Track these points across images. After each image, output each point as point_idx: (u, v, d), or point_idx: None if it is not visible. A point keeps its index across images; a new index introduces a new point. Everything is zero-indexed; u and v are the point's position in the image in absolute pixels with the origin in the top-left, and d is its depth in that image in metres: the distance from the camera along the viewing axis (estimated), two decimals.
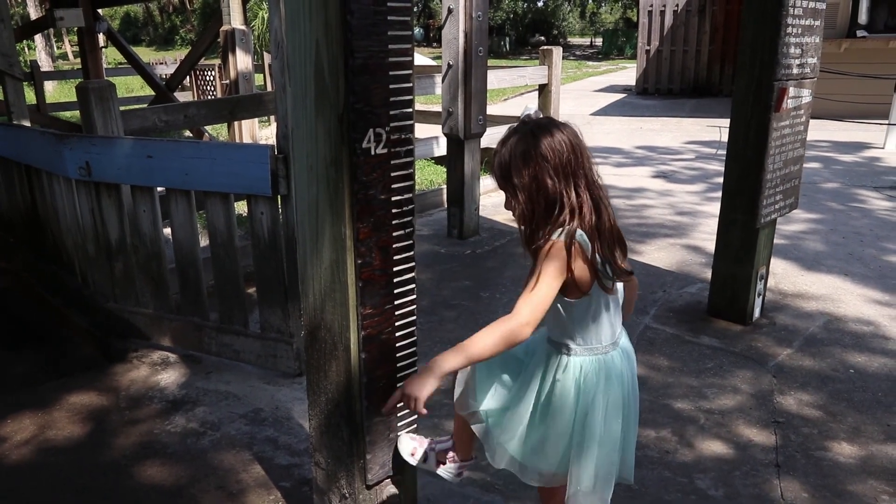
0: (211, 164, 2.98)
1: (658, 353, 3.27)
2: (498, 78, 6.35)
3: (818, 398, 2.86)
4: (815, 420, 2.70)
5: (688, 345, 3.34)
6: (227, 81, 6.76)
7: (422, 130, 7.63)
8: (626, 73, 16.75)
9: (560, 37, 37.12)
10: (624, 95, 13.49)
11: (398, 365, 1.83)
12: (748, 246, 3.46)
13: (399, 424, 1.90)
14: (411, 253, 1.77)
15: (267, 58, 10.70)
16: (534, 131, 1.61)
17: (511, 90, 13.80)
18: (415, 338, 1.85)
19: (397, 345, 1.81)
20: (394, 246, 1.72)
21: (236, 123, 6.77)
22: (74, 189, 3.57)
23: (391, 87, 1.61)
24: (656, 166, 7.09)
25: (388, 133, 1.63)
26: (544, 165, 1.58)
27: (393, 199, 1.69)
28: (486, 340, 1.57)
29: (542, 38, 35.71)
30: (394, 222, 1.71)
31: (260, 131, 10.50)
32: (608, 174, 6.76)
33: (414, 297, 1.81)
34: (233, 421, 2.83)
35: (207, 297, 3.37)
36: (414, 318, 1.83)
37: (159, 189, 3.31)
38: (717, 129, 8.51)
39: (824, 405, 2.80)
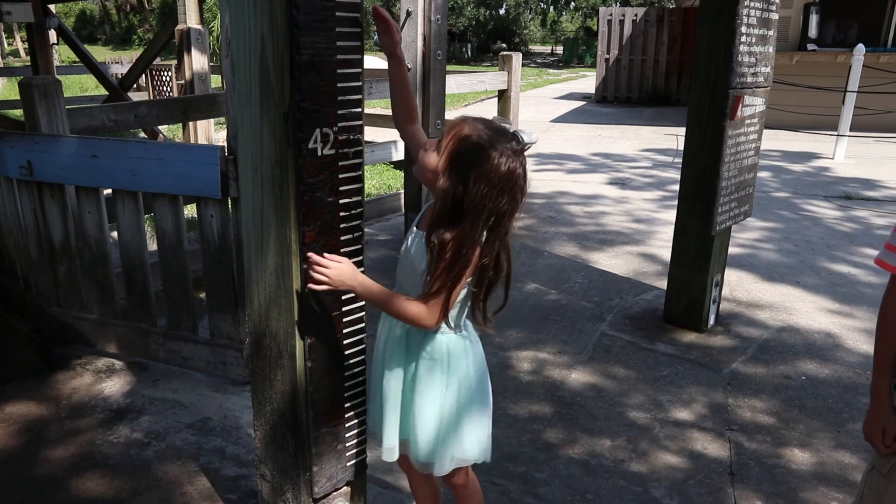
0: (159, 165, 2.87)
1: (614, 360, 3.26)
2: (457, 83, 6.32)
3: (771, 405, 2.87)
4: (769, 427, 2.72)
5: (644, 352, 3.34)
6: (183, 82, 6.61)
7: (381, 134, 7.58)
8: (586, 81, 16.92)
9: (522, 44, 37.42)
10: (583, 103, 13.61)
11: (346, 374, 1.77)
12: (704, 253, 3.48)
13: (347, 436, 1.84)
14: (360, 258, 1.72)
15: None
16: (524, 167, 1.56)
17: (471, 95, 13.82)
18: (364, 346, 1.79)
19: (346, 353, 1.75)
20: (342, 250, 1.66)
21: (191, 125, 6.62)
22: (16, 189, 3.42)
23: (339, 85, 1.56)
24: (612, 173, 7.14)
25: (335, 133, 1.58)
26: (500, 200, 1.52)
27: (341, 201, 1.63)
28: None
29: (504, 45, 35.95)
30: (342, 226, 1.65)
31: (216, 133, 10.30)
32: (564, 180, 6.79)
33: (363, 303, 1.75)
34: (179, 430, 2.73)
35: (155, 303, 3.25)
36: (363, 325, 1.78)
37: (106, 190, 3.19)
38: (674, 138, 8.62)
39: (777, 412, 2.82)
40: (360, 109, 1.61)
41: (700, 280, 3.50)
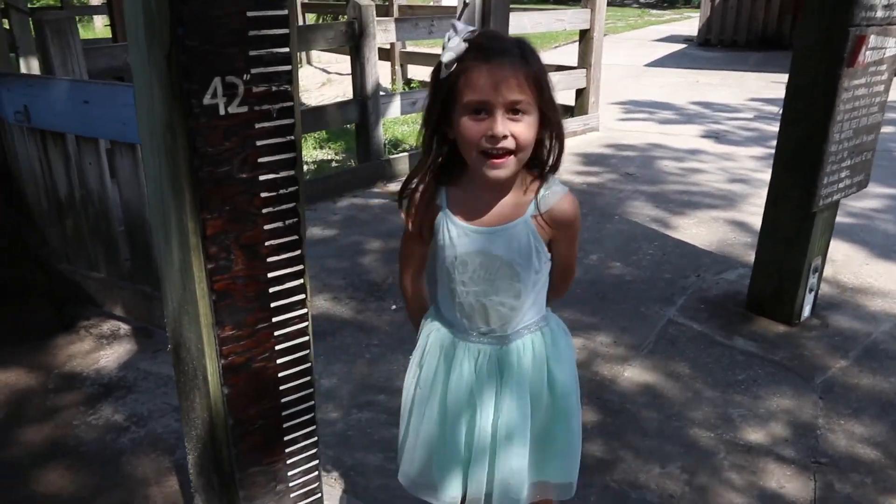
0: None
1: (679, 356, 2.72)
2: (532, 21, 5.70)
3: (875, 432, 2.28)
4: (870, 464, 2.14)
5: (717, 347, 2.77)
6: None
7: None
8: (691, 24, 15.52)
9: None
10: (684, 46, 12.45)
11: (283, 401, 1.36)
12: (802, 231, 2.83)
13: (292, 474, 1.44)
14: (298, 252, 1.27)
15: None
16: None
17: (563, 36, 12.89)
18: (309, 363, 1.37)
19: (280, 375, 1.33)
20: (267, 244, 1.22)
21: None
22: (25, 135, 3.16)
23: (250, 14, 1.09)
24: (708, 125, 6.34)
25: (246, 83, 1.12)
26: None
27: (261, 178, 1.18)
28: None
29: None
30: (264, 211, 1.20)
31: None
32: (652, 131, 6.08)
33: (305, 310, 1.32)
34: (163, 415, 2.43)
35: None
36: (307, 338, 1.34)
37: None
38: (782, 86, 7.62)
39: (883, 443, 2.23)
40: (286, 49, 1.14)
41: (795, 264, 2.87)
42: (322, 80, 9.34)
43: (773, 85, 8.04)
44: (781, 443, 2.23)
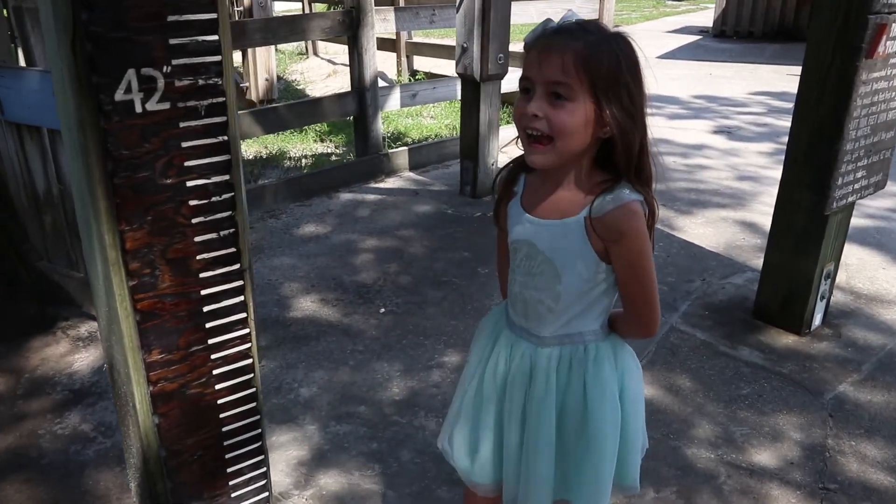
0: None
1: (680, 367, 2.56)
2: (538, 11, 5.51)
3: (889, 456, 2.12)
4: (882, 492, 1.98)
5: (721, 358, 2.61)
6: (241, 9, 6.13)
7: (445, 67, 6.87)
8: (706, 14, 15.25)
9: None
10: (698, 38, 12.18)
11: (225, 429, 1.22)
12: (814, 235, 2.66)
13: None
14: (237, 266, 1.13)
15: None
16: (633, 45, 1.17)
17: None
18: (254, 388, 1.23)
19: (220, 401, 1.20)
20: (199, 258, 1.09)
21: (249, 53, 6.15)
22: (4, 128, 3.05)
23: None
24: (719, 120, 6.13)
25: (167, 76, 0.98)
26: (643, 96, 1.17)
27: (189, 184, 1.04)
28: None
29: None
30: (195, 221, 1.07)
31: (296, 64, 9.88)
32: (661, 126, 5.88)
33: (247, 330, 1.18)
34: None
35: None
36: (250, 360, 1.21)
37: None
38: (797, 79, 7.40)
39: None
40: (215, 37, 1.00)
41: (805, 270, 2.70)
42: (328, 70, 9.20)
43: (789, 78, 7.80)
44: (787, 465, 2.08)
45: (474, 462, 1.38)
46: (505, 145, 4.04)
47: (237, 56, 7.29)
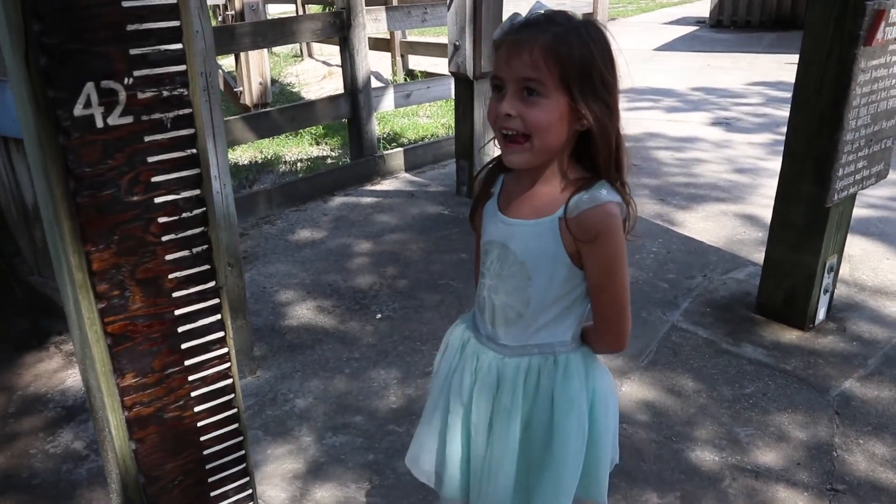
0: None
1: (682, 367, 2.51)
2: (532, 6, 5.45)
3: None
4: (892, 491, 1.93)
5: (724, 356, 2.57)
6: (233, 12, 6.08)
7: (439, 65, 6.79)
8: (703, 5, 15.16)
9: None
10: (695, 28, 12.10)
11: (206, 452, 1.18)
12: (815, 228, 2.61)
13: None
14: (212, 284, 1.09)
15: None
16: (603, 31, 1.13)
17: None
18: (235, 409, 1.18)
19: (200, 424, 1.15)
20: (171, 277, 1.04)
21: (242, 57, 6.10)
22: None
23: (128, 4, 0.90)
24: (716, 112, 6.08)
25: (129, 89, 0.93)
26: (617, 85, 1.14)
27: (157, 201, 1.00)
28: None
29: None
30: (165, 239, 1.02)
31: (291, 67, 9.84)
32: (659, 120, 5.83)
33: (225, 349, 1.13)
34: None
35: None
36: (230, 380, 1.16)
37: None
38: (795, 68, 7.33)
39: None
40: (179, 46, 0.95)
41: (807, 264, 2.65)
42: (323, 72, 9.15)
43: (787, 67, 7.73)
44: (794, 466, 2.03)
45: (444, 477, 1.33)
46: (482, 146, 4.00)
47: (230, 60, 7.25)
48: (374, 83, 7.41)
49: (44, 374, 2.69)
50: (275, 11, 11.80)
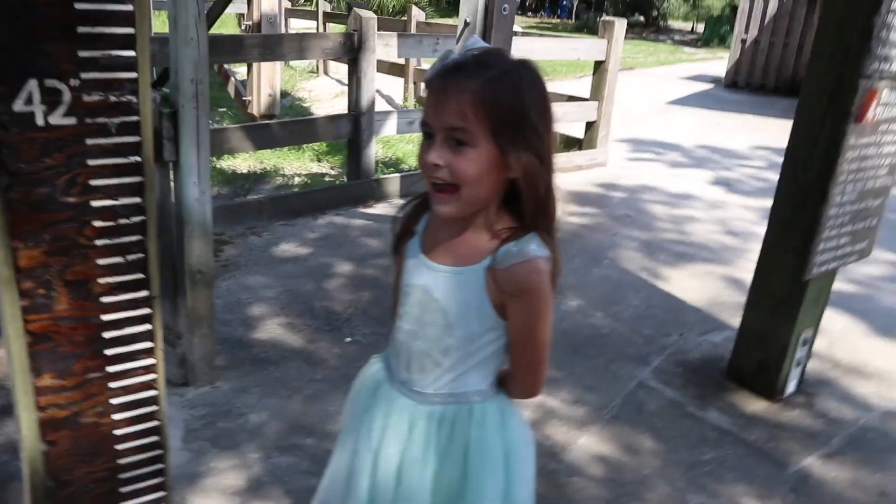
0: None
1: (644, 426, 2.48)
2: (545, 48, 5.55)
3: None
4: None
5: (687, 420, 2.53)
6: (250, 23, 6.14)
7: None
8: (721, 64, 15.33)
9: (661, 19, 35.04)
10: (710, 87, 12.21)
11: (121, 462, 1.15)
12: (792, 299, 2.59)
13: None
14: (145, 293, 1.07)
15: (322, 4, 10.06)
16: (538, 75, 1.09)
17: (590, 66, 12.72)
18: (157, 422, 1.16)
19: (117, 433, 1.13)
20: (101, 281, 1.03)
21: (254, 67, 6.15)
22: None
23: (80, 6, 0.90)
24: (718, 171, 6.09)
25: (74, 90, 0.93)
26: (551, 132, 1.10)
27: (94, 204, 0.99)
28: None
29: (642, 18, 33.79)
30: (98, 243, 1.01)
31: (305, 82, 9.92)
32: (658, 173, 5.85)
33: (153, 360, 1.12)
34: None
35: None
36: (155, 392, 1.14)
37: None
38: None
39: None
40: (131, 53, 0.95)
41: (782, 335, 2.62)
42: (336, 91, 9.23)
43: None
44: None
45: None
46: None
47: (243, 69, 7.33)
48: (385, 106, 7.45)
49: (3, 359, 2.66)
50: (298, 26, 11.94)
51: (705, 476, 2.24)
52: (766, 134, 7.93)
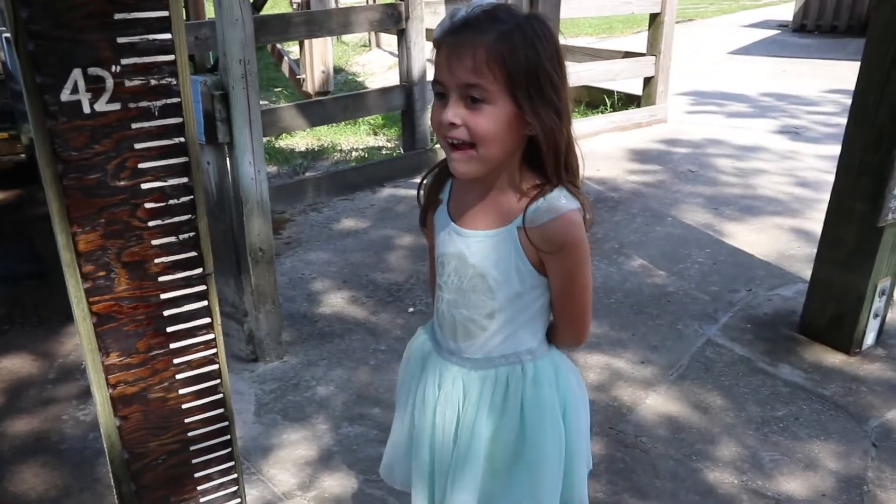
0: None
1: (713, 383, 2.43)
2: (598, 5, 5.39)
3: None
4: None
5: (759, 376, 2.47)
6: (300, 0, 6.18)
7: None
8: (788, 7, 14.57)
9: None
10: (776, 32, 11.63)
11: (191, 434, 1.20)
12: (866, 248, 2.48)
13: None
14: (199, 270, 1.11)
15: None
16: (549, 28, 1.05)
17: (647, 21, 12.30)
18: (221, 395, 1.20)
19: (184, 406, 1.17)
20: (157, 261, 1.06)
21: (306, 44, 6.19)
22: None
23: None
24: (785, 119, 5.82)
25: (116, 76, 0.95)
26: (566, 84, 1.07)
27: (144, 187, 1.02)
28: None
29: None
30: (151, 224, 1.04)
31: (358, 56, 9.95)
32: (722, 125, 5.64)
33: (211, 335, 1.15)
34: None
35: None
36: (216, 366, 1.18)
37: None
38: None
39: None
40: (167, 36, 0.97)
41: (857, 285, 2.51)
42: (389, 63, 9.21)
43: None
44: (819, 497, 1.93)
45: (415, 493, 1.31)
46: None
47: (295, 48, 7.39)
48: None
49: None
50: (347, 1, 11.95)
51: (779, 433, 2.18)
52: (837, 78, 7.53)
